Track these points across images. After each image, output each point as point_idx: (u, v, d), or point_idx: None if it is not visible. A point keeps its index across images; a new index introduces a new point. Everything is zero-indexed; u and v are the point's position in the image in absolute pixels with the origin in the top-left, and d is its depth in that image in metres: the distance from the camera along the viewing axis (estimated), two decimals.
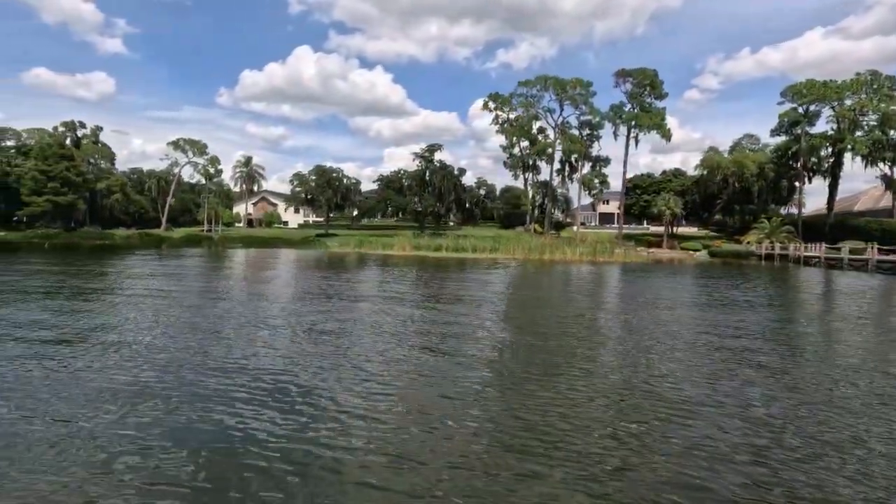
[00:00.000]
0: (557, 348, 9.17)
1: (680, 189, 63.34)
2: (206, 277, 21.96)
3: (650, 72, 56.30)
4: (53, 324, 10.94)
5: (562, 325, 11.72)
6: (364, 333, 10.26)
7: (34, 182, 61.99)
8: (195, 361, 7.97)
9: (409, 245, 43.91)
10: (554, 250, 39.66)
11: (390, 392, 6.55)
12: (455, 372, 7.50)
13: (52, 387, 6.62)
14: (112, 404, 5.96)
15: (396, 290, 17.57)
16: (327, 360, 8.04)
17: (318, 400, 6.17)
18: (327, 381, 6.94)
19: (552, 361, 8.19)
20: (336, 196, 67.16)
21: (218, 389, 6.55)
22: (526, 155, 61.51)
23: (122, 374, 7.21)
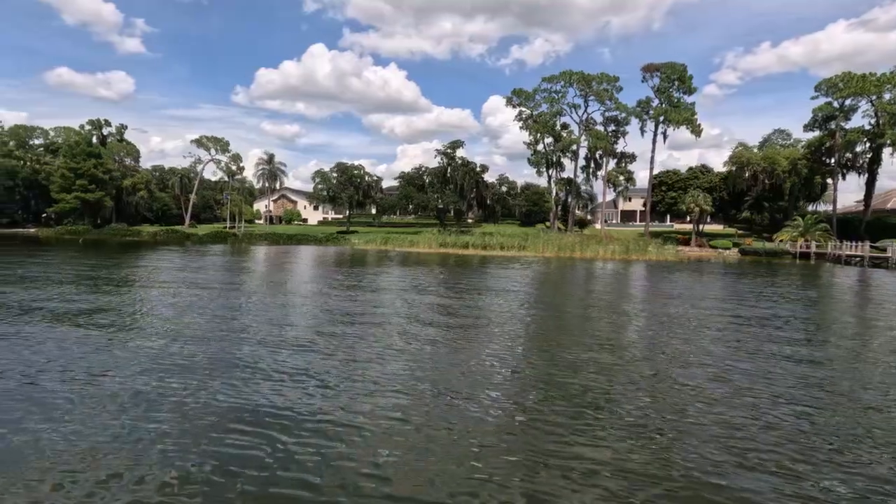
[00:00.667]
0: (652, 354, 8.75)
1: (707, 186, 61.98)
2: (251, 273, 21.89)
3: (679, 66, 55.09)
4: (129, 309, 11.40)
5: (642, 332, 11.29)
6: (460, 344, 9.96)
7: (63, 179, 63.13)
8: (273, 339, 8.21)
9: (435, 242, 43.60)
10: (584, 248, 39.02)
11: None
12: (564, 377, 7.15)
13: (132, 357, 8.00)
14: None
15: (455, 289, 17.26)
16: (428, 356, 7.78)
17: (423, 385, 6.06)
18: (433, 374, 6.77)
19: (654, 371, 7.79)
20: (358, 193, 67.13)
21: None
22: (550, 151, 60.69)
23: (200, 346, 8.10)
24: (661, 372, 7.67)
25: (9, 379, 6.83)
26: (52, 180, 64.13)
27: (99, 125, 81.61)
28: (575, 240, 41.94)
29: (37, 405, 5.92)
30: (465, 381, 7.06)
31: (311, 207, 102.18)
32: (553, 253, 38.67)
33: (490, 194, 68.91)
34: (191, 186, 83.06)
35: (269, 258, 32.18)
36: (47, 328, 9.85)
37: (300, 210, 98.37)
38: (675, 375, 7.48)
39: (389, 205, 69.47)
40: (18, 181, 65.38)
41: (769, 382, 7.25)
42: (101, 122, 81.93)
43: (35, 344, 8.66)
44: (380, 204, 70.60)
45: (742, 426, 5.59)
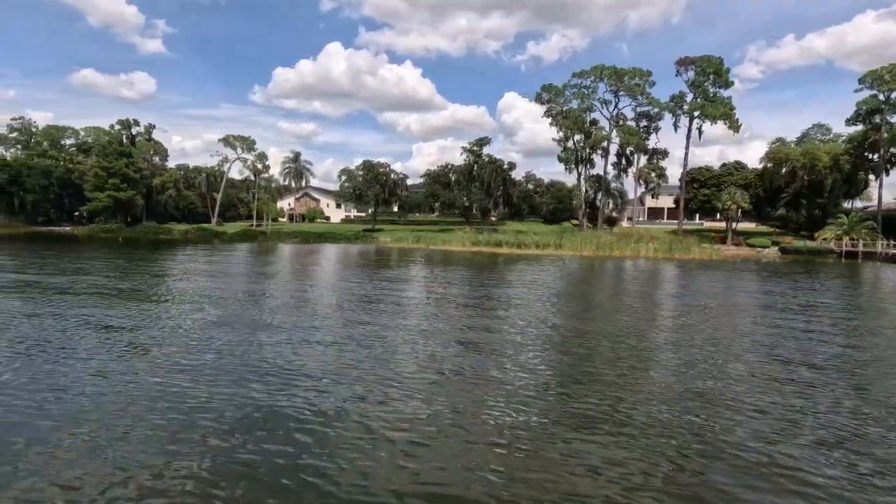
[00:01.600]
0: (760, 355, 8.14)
1: (742, 183, 60.28)
2: (304, 271, 21.69)
3: (715, 59, 53.58)
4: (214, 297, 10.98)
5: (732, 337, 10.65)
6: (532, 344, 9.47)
7: (96, 178, 64.17)
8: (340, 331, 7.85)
9: (468, 241, 43.10)
10: (623, 246, 38.14)
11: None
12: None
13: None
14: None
15: (517, 292, 16.77)
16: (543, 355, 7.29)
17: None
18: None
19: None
20: (384, 191, 66.94)
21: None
22: (580, 148, 59.67)
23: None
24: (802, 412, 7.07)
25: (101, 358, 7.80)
26: (85, 179, 65.26)
27: (128, 125, 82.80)
28: (612, 238, 41.01)
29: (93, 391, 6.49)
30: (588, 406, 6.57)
31: (334, 206, 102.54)
32: (591, 251, 37.89)
33: (517, 192, 68.14)
34: (217, 185, 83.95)
35: (309, 256, 32.06)
36: (142, 311, 10.92)
37: (322, 208, 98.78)
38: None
39: (415, 202, 69.12)
40: (53, 180, 66.67)
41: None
42: (131, 122, 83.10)
43: (132, 322, 10.17)
44: (405, 202, 70.33)
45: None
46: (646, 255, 35.96)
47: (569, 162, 59.30)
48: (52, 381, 6.84)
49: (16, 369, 7.31)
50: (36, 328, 9.83)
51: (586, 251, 38.19)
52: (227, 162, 79.33)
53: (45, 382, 6.76)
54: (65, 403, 6.10)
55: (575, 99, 57.94)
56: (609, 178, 61.27)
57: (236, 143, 78.44)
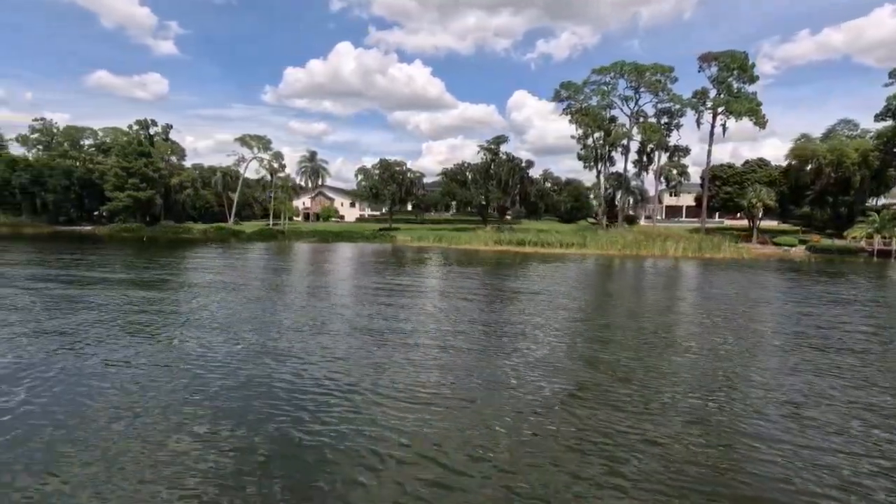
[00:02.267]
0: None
1: (766, 180, 59.09)
2: (330, 272, 21.44)
3: (740, 54, 52.52)
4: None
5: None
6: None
7: (116, 178, 64.73)
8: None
9: (490, 240, 42.68)
10: (650, 245, 37.46)
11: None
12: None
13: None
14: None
15: (572, 296, 16.34)
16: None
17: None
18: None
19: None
20: (400, 190, 66.72)
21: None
22: (599, 145, 58.90)
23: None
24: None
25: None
26: (105, 179, 65.85)
27: (146, 125, 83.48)
28: (639, 237, 40.33)
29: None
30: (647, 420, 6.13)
31: (348, 205, 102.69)
32: (618, 251, 37.28)
33: (534, 190, 67.53)
34: (232, 185, 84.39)
35: (334, 255, 31.86)
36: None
37: (336, 207, 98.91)
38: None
39: (432, 201, 68.81)
40: (74, 180, 67.37)
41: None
42: (148, 122, 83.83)
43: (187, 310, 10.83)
44: (421, 200, 70.06)
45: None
46: (674, 253, 35.25)
47: (588, 159, 58.58)
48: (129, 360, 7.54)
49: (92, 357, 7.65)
50: (99, 319, 9.76)
51: (612, 250, 37.57)
52: (244, 161, 79.67)
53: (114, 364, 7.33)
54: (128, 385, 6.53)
55: (595, 96, 57.20)
56: (629, 175, 60.40)
57: (252, 143, 78.75)
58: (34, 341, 8.54)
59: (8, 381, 6.54)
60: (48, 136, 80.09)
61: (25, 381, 6.53)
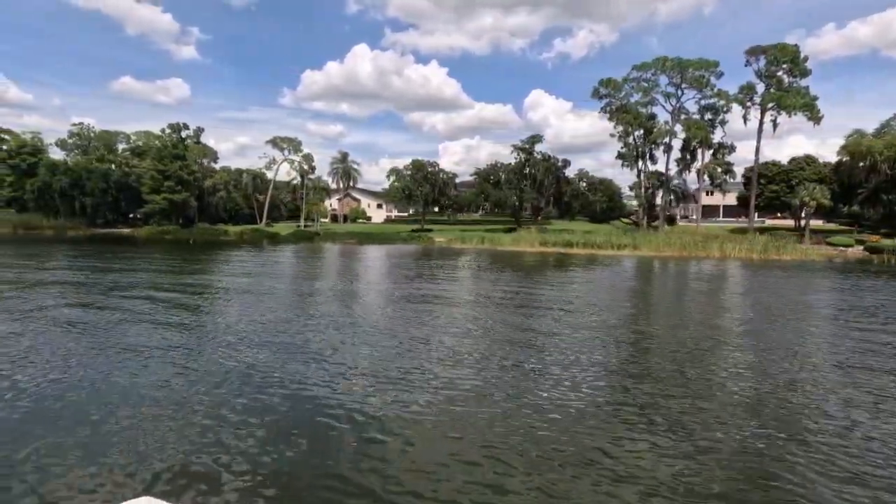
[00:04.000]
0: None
1: (816, 177, 56.80)
2: (395, 273, 20.65)
3: (791, 47, 50.51)
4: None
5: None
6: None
7: (153, 181, 65.30)
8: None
9: (536, 241, 41.60)
10: (708, 246, 35.91)
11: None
12: None
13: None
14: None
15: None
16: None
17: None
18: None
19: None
20: (433, 191, 65.98)
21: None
22: (640, 144, 57.31)
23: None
24: None
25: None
26: (142, 182, 66.50)
27: (178, 128, 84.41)
28: (696, 238, 38.80)
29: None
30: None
31: (375, 206, 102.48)
32: (675, 252, 35.85)
33: (569, 190, 66.17)
34: (262, 186, 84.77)
35: (383, 258, 31.18)
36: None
37: (364, 208, 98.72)
38: None
39: (466, 202, 67.92)
40: (111, 183, 68.22)
41: None
42: (180, 126, 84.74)
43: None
44: (454, 201, 69.24)
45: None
46: (737, 255, 33.70)
47: (629, 158, 57.05)
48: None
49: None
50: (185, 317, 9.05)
51: (668, 251, 36.17)
52: (275, 163, 79.91)
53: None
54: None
55: (636, 93, 55.68)
56: (671, 174, 58.63)
57: (283, 145, 78.95)
58: (184, 355, 7.88)
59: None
60: (86, 141, 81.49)
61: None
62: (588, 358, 8.27)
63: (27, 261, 23.47)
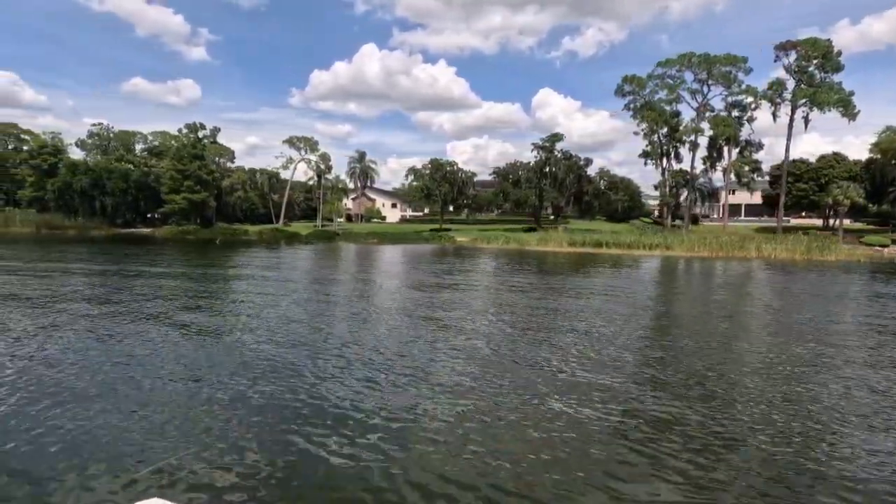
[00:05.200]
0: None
1: (846, 175, 55.45)
2: (438, 274, 20.07)
3: (823, 41, 49.25)
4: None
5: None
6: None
7: (172, 181, 65.34)
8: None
9: (564, 241, 40.87)
10: (745, 246, 34.95)
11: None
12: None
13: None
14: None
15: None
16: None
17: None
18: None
19: None
20: (452, 190, 65.39)
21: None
22: (665, 142, 56.32)
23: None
24: None
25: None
26: (161, 182, 66.58)
27: (195, 128, 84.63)
28: (732, 238, 37.83)
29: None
30: None
31: (389, 205, 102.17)
32: (711, 252, 34.96)
33: (591, 189, 65.27)
34: (278, 186, 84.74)
35: (412, 258, 30.63)
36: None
37: (378, 208, 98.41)
38: None
39: (486, 201, 67.27)
40: (131, 183, 68.38)
41: None
42: (197, 126, 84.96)
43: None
44: (473, 201, 68.63)
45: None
46: (779, 256, 32.71)
47: (654, 156, 56.08)
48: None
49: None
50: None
51: (703, 252, 35.28)
52: (292, 163, 79.74)
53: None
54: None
55: (661, 90, 54.69)
56: (696, 172, 57.56)
57: (300, 144, 78.78)
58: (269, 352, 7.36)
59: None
60: (105, 141, 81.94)
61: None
62: (682, 370, 7.63)
63: (78, 263, 23.23)
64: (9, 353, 7.92)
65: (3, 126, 76.39)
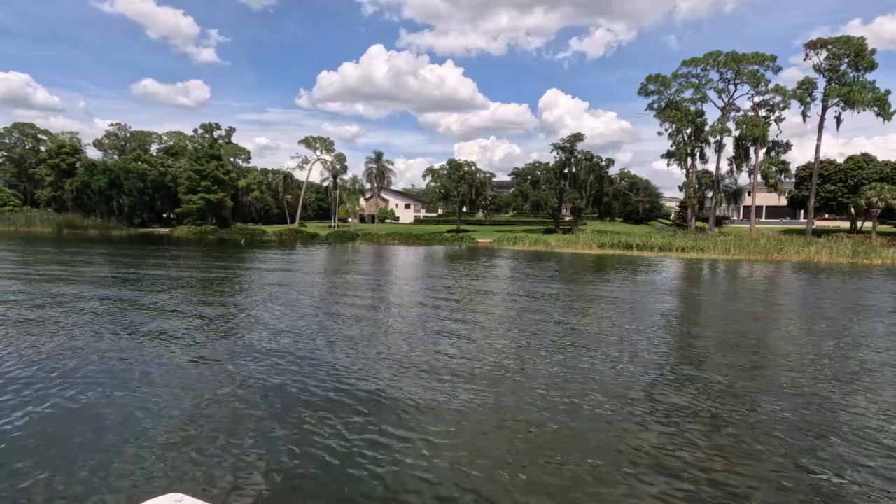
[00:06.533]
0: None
1: (878, 176, 54.22)
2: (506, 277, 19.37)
3: (856, 39, 48.07)
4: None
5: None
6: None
7: (189, 181, 65.09)
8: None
9: (594, 243, 40.04)
10: (784, 250, 33.95)
11: None
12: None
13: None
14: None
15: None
16: None
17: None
18: None
19: None
20: (471, 191, 64.68)
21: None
22: (691, 142, 55.31)
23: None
24: None
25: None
26: (179, 182, 66.36)
27: (210, 128, 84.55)
28: (770, 241, 36.86)
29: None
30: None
31: (402, 206, 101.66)
32: (749, 255, 34.01)
33: (612, 190, 64.35)
34: (293, 186, 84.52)
35: (444, 259, 29.95)
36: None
37: (392, 208, 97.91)
38: None
39: (504, 202, 66.51)
40: (148, 183, 68.25)
41: None
42: (212, 126, 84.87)
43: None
44: (492, 202, 67.90)
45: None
46: (820, 259, 31.71)
47: (681, 156, 55.09)
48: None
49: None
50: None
51: (740, 255, 34.33)
52: (307, 163, 79.42)
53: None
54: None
55: (688, 89, 53.71)
56: (722, 173, 56.51)
57: (316, 144, 78.46)
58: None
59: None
60: (122, 141, 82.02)
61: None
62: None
63: (122, 268, 22.74)
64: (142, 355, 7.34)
65: (21, 126, 76.56)
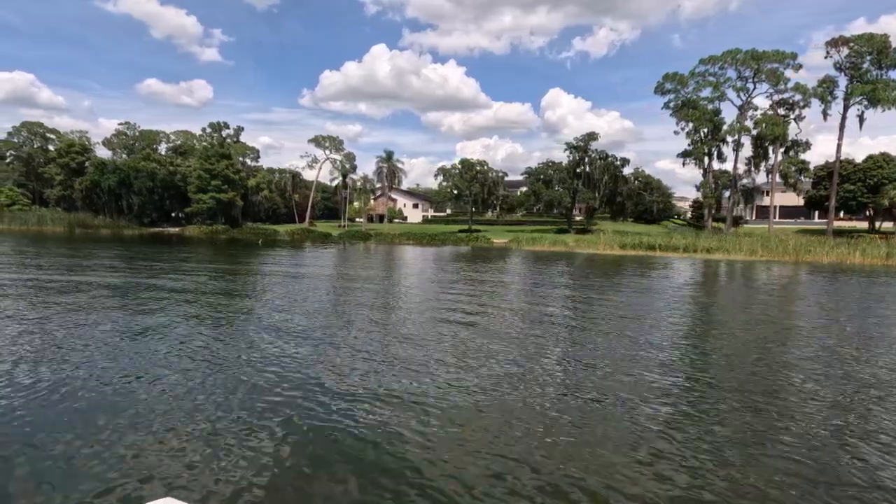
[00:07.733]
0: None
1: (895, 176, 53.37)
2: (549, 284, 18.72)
3: (879, 37, 47.27)
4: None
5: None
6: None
7: (199, 180, 64.62)
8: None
9: (615, 244, 39.37)
10: (815, 251, 33.19)
11: None
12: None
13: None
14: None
15: None
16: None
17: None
18: None
19: None
20: (483, 191, 64.06)
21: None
22: (708, 141, 54.58)
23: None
24: None
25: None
26: (188, 181, 65.92)
27: (218, 127, 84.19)
28: (800, 241, 36.12)
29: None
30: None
31: (411, 206, 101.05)
32: (775, 256, 33.30)
33: (626, 190, 63.64)
34: (301, 185, 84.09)
35: (467, 259, 29.32)
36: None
37: (400, 208, 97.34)
38: None
39: (517, 202, 65.89)
40: (157, 182, 67.81)
41: None
42: (221, 125, 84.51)
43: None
44: (505, 201, 67.28)
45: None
46: (852, 261, 30.98)
47: (699, 155, 54.36)
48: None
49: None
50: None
51: (768, 256, 33.62)
52: (317, 163, 78.99)
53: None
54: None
55: (706, 87, 52.98)
56: (740, 173, 55.75)
57: (325, 144, 77.99)
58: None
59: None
60: (131, 140, 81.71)
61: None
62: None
63: (162, 276, 22.19)
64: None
65: (29, 125, 76.32)
